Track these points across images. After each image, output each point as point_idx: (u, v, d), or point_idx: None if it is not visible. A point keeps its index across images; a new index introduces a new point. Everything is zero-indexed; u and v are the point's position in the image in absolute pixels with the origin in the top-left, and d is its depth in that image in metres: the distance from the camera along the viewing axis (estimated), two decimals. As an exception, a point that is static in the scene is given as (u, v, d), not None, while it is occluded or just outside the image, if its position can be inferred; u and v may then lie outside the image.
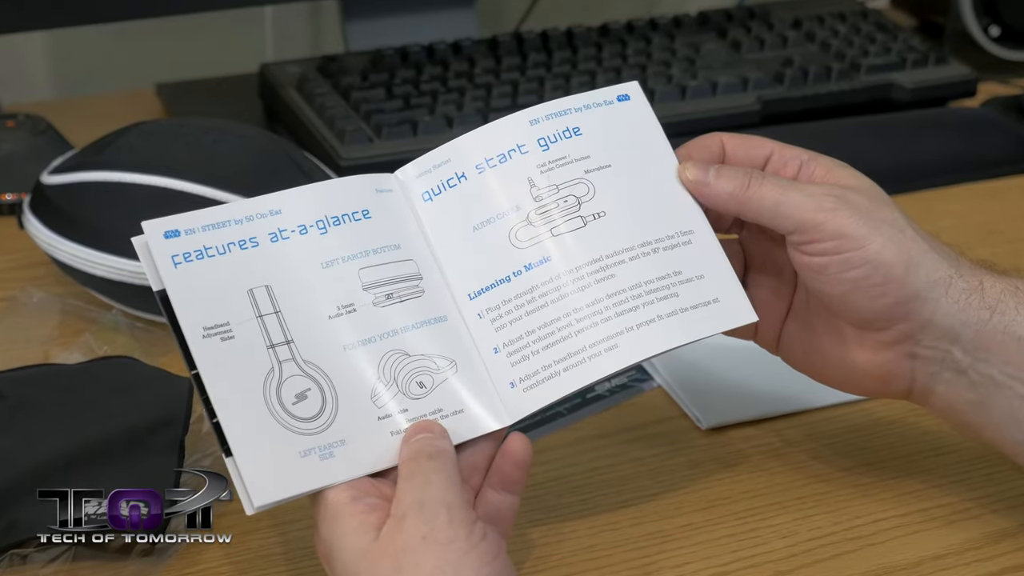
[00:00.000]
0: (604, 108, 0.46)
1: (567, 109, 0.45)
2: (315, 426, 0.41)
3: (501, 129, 0.45)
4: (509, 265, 0.44)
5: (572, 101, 0.46)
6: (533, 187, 0.44)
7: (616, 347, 0.43)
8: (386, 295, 0.43)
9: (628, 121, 0.46)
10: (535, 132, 0.45)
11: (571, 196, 0.44)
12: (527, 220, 0.44)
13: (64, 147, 0.69)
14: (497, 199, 0.44)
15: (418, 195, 0.45)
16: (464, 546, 0.37)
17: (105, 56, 0.86)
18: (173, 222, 0.42)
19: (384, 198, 0.45)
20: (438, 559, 0.37)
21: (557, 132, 0.45)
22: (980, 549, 0.47)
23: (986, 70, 0.81)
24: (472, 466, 0.42)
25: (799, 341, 0.47)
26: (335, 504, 0.39)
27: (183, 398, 0.49)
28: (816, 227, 0.43)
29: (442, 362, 0.43)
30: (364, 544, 0.38)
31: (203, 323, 0.41)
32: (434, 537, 0.37)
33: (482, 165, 0.45)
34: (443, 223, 0.45)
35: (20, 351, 0.56)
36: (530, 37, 0.79)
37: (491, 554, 0.38)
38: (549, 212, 0.44)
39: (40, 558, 0.45)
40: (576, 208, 0.44)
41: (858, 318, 0.44)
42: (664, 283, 0.44)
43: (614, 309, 0.43)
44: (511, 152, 0.45)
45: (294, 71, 0.75)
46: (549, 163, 0.45)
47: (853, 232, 0.43)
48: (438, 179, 0.45)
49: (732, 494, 0.49)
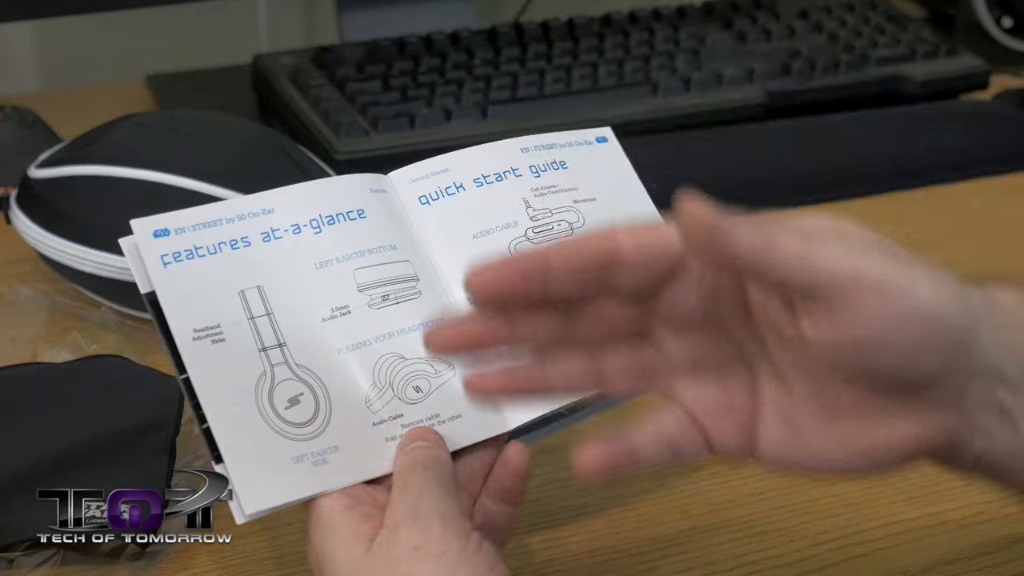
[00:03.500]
0: (585, 147, 0.47)
1: (552, 144, 0.47)
2: (308, 432, 0.40)
3: (496, 151, 0.46)
4: None
5: (556, 137, 0.47)
6: (529, 207, 0.45)
7: None
8: (382, 296, 0.42)
9: (606, 161, 0.48)
10: (526, 159, 0.46)
11: (564, 221, 0.45)
12: (525, 236, 0.45)
13: (52, 140, 0.69)
14: (496, 212, 0.45)
15: (414, 198, 0.45)
16: (458, 558, 0.37)
17: (95, 47, 0.85)
18: (162, 221, 0.41)
19: (379, 198, 0.44)
20: (432, 571, 0.36)
21: (546, 163, 0.46)
22: (992, 554, 0.46)
23: (998, 62, 0.80)
24: (471, 473, 0.42)
25: (784, 440, 0.36)
26: (328, 513, 0.39)
27: (174, 398, 0.48)
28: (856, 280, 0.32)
29: (440, 366, 0.42)
30: (356, 555, 0.37)
31: (193, 325, 0.40)
32: (428, 548, 0.37)
33: (480, 180, 0.45)
34: (441, 228, 0.44)
35: (7, 350, 0.56)
36: (530, 28, 0.78)
37: (486, 565, 0.37)
38: (546, 232, 0.45)
39: (28, 562, 0.44)
40: (570, 233, 0.45)
41: (900, 383, 0.34)
42: None
43: None
44: (506, 173, 0.46)
45: (288, 62, 0.74)
46: (541, 188, 0.46)
47: (894, 279, 0.32)
48: (436, 185, 0.45)
49: (738, 497, 0.49)
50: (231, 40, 0.86)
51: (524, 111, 0.71)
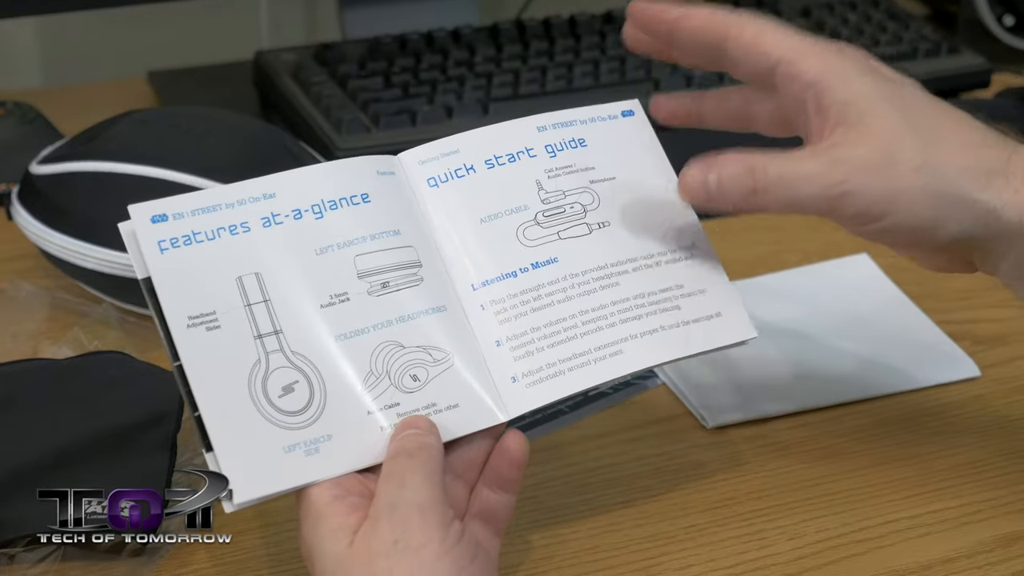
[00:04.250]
0: (608, 122, 0.47)
1: (572, 120, 0.46)
2: (301, 420, 0.40)
3: (510, 130, 0.45)
4: (517, 260, 0.44)
5: (577, 113, 0.47)
6: (541, 190, 0.45)
7: (621, 352, 0.43)
8: (382, 284, 0.42)
9: (629, 137, 0.47)
10: (542, 138, 0.45)
11: (577, 203, 0.45)
12: (535, 220, 0.44)
13: (54, 136, 0.68)
14: (506, 195, 0.44)
15: (423, 180, 0.44)
16: (437, 550, 0.36)
17: (96, 43, 0.85)
18: (161, 206, 0.41)
19: (385, 181, 0.43)
20: (410, 564, 0.36)
21: (563, 141, 0.46)
22: (992, 552, 0.46)
23: (1000, 60, 0.80)
24: (468, 462, 0.41)
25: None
26: (317, 503, 0.38)
27: (175, 394, 0.48)
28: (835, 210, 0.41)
29: (438, 354, 0.42)
30: (340, 548, 0.37)
31: (188, 312, 0.39)
32: (406, 541, 0.36)
33: (491, 161, 0.45)
34: (448, 211, 0.44)
35: (8, 345, 0.56)
36: (532, 25, 0.78)
37: (467, 557, 0.37)
38: (557, 216, 0.44)
39: (28, 558, 0.44)
40: (582, 215, 0.45)
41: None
42: (666, 295, 0.44)
43: (619, 316, 0.43)
44: (519, 154, 0.45)
45: (290, 59, 0.74)
46: (556, 169, 0.45)
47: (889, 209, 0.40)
48: (446, 167, 0.44)
49: (737, 495, 0.49)
50: (233, 36, 0.86)
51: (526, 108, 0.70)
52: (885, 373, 0.54)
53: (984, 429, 0.52)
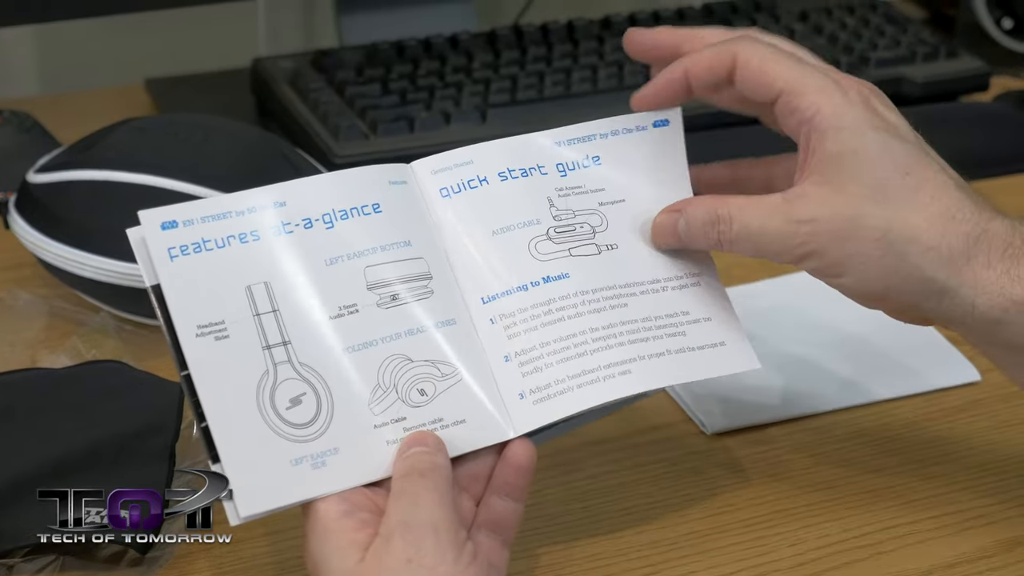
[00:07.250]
0: (633, 135, 0.46)
1: (591, 135, 0.46)
2: (308, 433, 0.39)
3: (525, 144, 0.45)
4: (528, 274, 0.43)
5: (597, 126, 0.46)
6: (552, 207, 0.45)
7: (629, 372, 0.43)
8: (391, 296, 0.41)
9: (652, 151, 0.46)
10: (556, 155, 0.45)
11: (586, 224, 0.45)
12: (547, 235, 0.44)
13: (51, 144, 0.68)
14: (519, 209, 0.44)
15: (435, 190, 0.44)
16: (451, 571, 0.36)
17: (94, 51, 0.85)
18: (171, 212, 0.40)
19: (397, 191, 0.43)
20: None
21: (576, 160, 0.45)
22: (993, 557, 0.46)
23: (999, 64, 0.80)
24: (473, 475, 0.41)
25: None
26: (325, 518, 0.38)
27: (173, 403, 0.48)
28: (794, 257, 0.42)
29: (446, 368, 0.41)
30: (349, 565, 0.37)
31: (197, 321, 0.39)
32: (420, 561, 0.36)
33: (504, 173, 0.44)
34: (460, 222, 0.44)
35: (5, 355, 0.56)
36: (530, 30, 0.78)
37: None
38: (568, 233, 0.44)
39: (27, 568, 0.44)
40: (591, 236, 0.45)
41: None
42: (673, 320, 0.44)
43: (627, 336, 0.43)
44: (531, 170, 0.45)
45: (287, 66, 0.74)
46: (566, 189, 0.45)
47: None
48: (459, 178, 0.44)
49: (738, 501, 0.48)
50: (230, 44, 0.85)
51: (523, 114, 0.71)
52: (885, 378, 0.54)
53: (985, 433, 0.52)
